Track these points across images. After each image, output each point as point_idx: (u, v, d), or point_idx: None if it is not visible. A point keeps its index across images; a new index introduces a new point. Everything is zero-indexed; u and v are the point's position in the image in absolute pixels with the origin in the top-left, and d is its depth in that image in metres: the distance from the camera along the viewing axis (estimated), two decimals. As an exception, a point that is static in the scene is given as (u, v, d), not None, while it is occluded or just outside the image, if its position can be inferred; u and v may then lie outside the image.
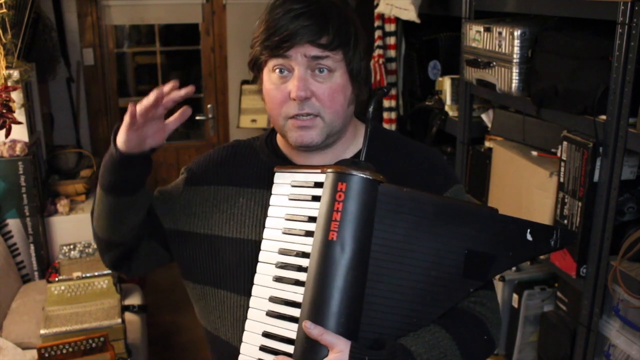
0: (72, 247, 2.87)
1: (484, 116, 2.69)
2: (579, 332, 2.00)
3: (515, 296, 2.44)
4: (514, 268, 2.54)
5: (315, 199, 1.04)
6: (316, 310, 1.00)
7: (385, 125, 3.33)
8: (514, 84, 2.16)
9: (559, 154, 2.03)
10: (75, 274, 2.65)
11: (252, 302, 1.09)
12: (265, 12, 1.12)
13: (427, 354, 1.03)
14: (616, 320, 1.88)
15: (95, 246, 2.86)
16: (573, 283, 2.01)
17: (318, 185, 1.05)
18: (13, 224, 2.88)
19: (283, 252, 1.07)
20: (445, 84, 2.84)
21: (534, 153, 2.30)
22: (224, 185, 1.23)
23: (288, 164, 1.20)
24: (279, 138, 1.26)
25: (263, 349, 1.06)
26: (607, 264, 1.84)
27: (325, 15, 1.08)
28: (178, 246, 1.25)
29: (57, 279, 2.62)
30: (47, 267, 2.97)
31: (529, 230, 1.08)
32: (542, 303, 2.40)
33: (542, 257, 2.18)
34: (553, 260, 2.09)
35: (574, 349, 2.04)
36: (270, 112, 1.16)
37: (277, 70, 1.11)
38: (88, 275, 2.65)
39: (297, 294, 1.03)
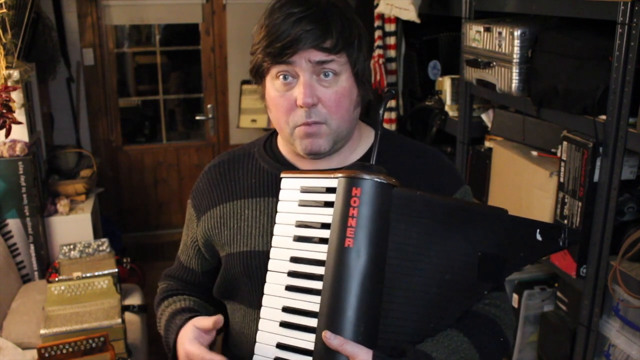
0: (72, 247, 2.86)
1: (484, 116, 2.68)
2: (579, 332, 1.99)
3: (515, 296, 2.44)
4: (514, 268, 2.54)
5: (328, 204, 1.00)
6: (334, 319, 0.96)
7: (385, 126, 3.33)
8: (514, 84, 2.15)
9: (559, 154, 2.03)
10: (75, 274, 2.65)
11: (263, 312, 1.05)
12: (264, 16, 1.08)
13: (447, 359, 1.01)
14: (616, 320, 1.87)
15: (95, 246, 2.87)
16: (573, 283, 2.01)
17: (330, 190, 1.01)
18: (13, 224, 2.88)
19: (295, 260, 1.03)
20: (445, 84, 2.84)
21: (534, 153, 2.30)
22: (228, 202, 1.19)
23: (292, 170, 1.16)
24: (280, 144, 1.22)
25: None
26: (607, 264, 1.84)
27: (327, 17, 1.05)
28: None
29: (57, 279, 2.62)
30: (47, 267, 2.97)
31: (538, 230, 1.06)
32: (542, 303, 2.40)
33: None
34: (553, 260, 2.08)
35: (574, 349, 2.04)
36: (276, 120, 1.12)
37: (281, 77, 1.07)
38: (88, 275, 2.65)
39: (312, 303, 0.99)
